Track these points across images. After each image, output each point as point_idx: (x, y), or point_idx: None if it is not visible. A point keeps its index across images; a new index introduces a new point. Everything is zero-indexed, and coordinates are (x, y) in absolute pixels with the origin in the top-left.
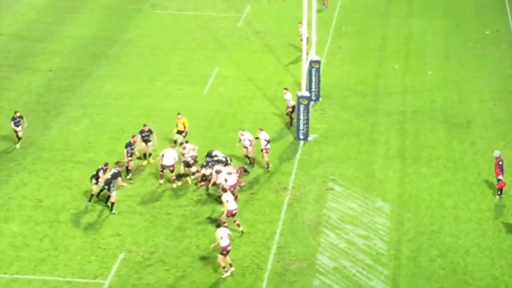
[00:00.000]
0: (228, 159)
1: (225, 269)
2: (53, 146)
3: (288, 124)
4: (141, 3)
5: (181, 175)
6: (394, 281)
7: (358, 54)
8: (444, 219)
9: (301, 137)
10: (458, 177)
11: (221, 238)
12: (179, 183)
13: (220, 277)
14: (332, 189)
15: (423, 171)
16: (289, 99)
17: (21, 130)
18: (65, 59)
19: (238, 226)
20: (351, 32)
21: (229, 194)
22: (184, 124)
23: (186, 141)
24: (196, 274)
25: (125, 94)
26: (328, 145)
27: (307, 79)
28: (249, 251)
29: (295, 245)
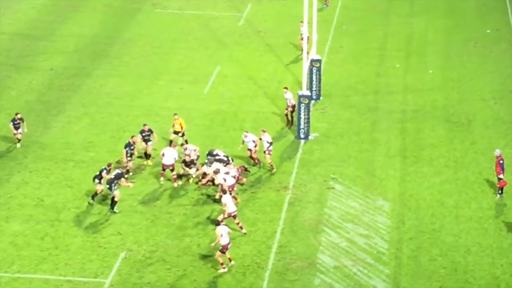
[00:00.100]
0: (229, 158)
1: (223, 265)
2: (54, 145)
3: (288, 124)
4: (142, 2)
5: (181, 175)
6: (394, 280)
7: (359, 53)
8: (445, 218)
9: (302, 136)
10: (459, 176)
11: (221, 235)
12: (180, 182)
13: (221, 277)
14: (333, 188)
15: (424, 170)
16: (290, 98)
17: (20, 133)
18: (66, 58)
19: (241, 228)
20: (352, 31)
21: (228, 196)
22: (181, 124)
23: (186, 141)
24: (197, 273)
25: (126, 93)
26: (329, 144)
27: (308, 78)
28: (250, 250)
29: (296, 244)
